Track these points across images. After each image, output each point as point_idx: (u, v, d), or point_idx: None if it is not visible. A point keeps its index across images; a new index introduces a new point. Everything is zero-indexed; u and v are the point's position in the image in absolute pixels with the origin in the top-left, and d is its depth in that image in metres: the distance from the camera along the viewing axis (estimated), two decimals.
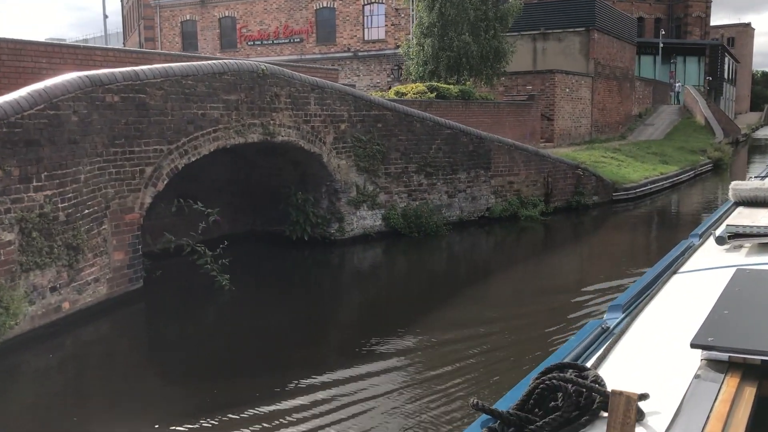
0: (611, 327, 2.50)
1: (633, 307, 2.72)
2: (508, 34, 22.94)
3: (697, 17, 60.74)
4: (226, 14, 36.35)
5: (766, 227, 3.45)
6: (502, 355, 7.03)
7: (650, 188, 19.39)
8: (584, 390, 1.73)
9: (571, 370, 1.86)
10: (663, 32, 53.05)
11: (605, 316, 2.71)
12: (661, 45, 47.62)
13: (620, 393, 1.55)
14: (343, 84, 16.31)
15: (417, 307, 9.05)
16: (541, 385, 1.77)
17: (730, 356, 1.89)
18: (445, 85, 19.71)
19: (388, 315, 8.91)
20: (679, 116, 39.50)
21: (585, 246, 14.30)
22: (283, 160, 11.89)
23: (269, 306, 9.15)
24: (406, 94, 18.61)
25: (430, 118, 13.50)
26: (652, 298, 2.83)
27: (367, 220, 12.65)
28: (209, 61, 9.76)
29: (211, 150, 9.54)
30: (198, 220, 9.84)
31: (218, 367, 6.96)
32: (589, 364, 2.05)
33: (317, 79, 11.53)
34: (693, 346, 1.94)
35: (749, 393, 1.78)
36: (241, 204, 12.46)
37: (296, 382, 6.30)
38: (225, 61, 9.97)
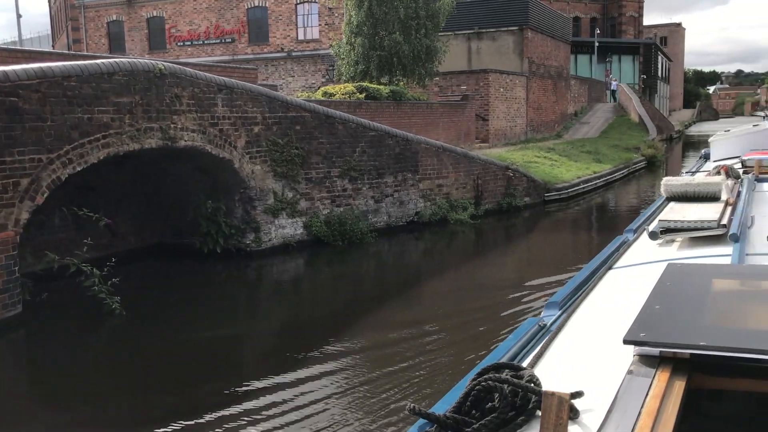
0: (548, 324, 2.50)
1: (569, 304, 2.71)
2: (442, 33, 22.52)
3: (631, 17, 62.01)
4: (154, 14, 35.01)
5: (695, 221, 3.55)
6: (439, 357, 6.81)
7: (583, 188, 19.21)
8: (520, 390, 1.74)
9: (506, 370, 1.86)
10: (598, 31, 53.96)
11: (542, 313, 2.69)
12: (597, 44, 48.31)
13: (552, 393, 1.54)
14: (265, 84, 15.53)
15: (345, 318, 8.56)
16: (477, 387, 1.76)
17: (660, 351, 1.89)
18: (375, 86, 19.12)
19: (312, 327, 8.32)
20: (614, 114, 40.01)
21: (517, 247, 14.01)
22: (192, 166, 11.06)
23: (170, 328, 8.30)
24: (335, 95, 17.95)
25: (353, 120, 12.86)
26: (587, 294, 2.84)
27: (287, 228, 11.93)
28: (97, 61, 8.88)
29: (101, 158, 8.66)
30: (99, 233, 8.97)
31: (105, 395, 6.30)
32: (525, 363, 2.05)
33: (225, 78, 10.73)
34: (626, 342, 1.93)
35: (679, 387, 1.78)
36: (149, 215, 11.56)
37: (203, 401, 5.80)
38: (116, 60, 9.10)
